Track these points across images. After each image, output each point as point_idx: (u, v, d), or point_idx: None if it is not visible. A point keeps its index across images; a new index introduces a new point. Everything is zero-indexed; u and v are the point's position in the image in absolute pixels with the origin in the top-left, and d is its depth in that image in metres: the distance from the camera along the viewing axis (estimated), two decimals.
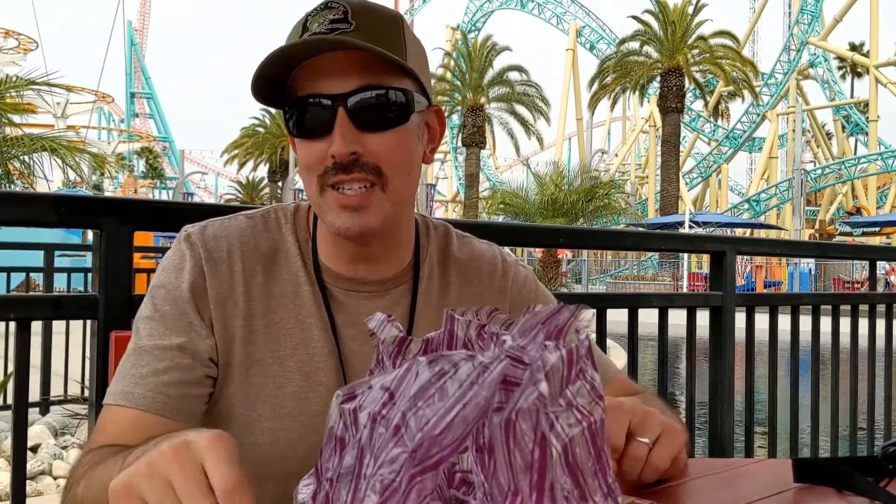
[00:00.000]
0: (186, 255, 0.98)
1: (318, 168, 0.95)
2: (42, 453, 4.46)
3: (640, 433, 0.87)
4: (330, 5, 0.94)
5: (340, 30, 0.91)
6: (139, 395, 0.92)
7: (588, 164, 26.48)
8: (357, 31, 0.91)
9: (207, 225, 1.02)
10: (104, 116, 55.55)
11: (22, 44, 38.99)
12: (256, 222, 1.04)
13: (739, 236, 14.53)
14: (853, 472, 0.91)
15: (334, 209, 0.95)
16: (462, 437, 0.51)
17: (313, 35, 0.92)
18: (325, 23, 0.92)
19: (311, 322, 1.00)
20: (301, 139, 0.96)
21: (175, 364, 0.94)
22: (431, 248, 1.10)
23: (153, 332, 0.95)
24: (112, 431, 0.91)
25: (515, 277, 1.14)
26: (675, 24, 30.71)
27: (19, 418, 1.46)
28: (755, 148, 46.56)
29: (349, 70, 0.92)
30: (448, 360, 0.52)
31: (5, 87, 11.14)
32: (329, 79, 0.92)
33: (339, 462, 0.53)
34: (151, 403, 0.92)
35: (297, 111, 0.95)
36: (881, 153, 35.70)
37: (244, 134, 45.55)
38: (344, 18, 0.92)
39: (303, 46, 0.91)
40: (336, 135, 0.92)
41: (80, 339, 4.87)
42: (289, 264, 1.02)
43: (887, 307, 3.39)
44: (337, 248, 1.03)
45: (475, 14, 45.55)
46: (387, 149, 0.94)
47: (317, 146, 0.94)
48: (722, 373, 2.56)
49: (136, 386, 0.93)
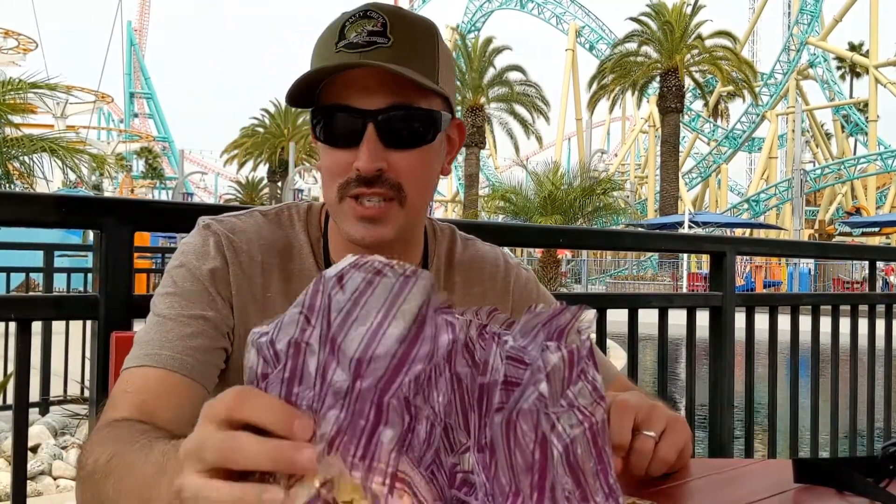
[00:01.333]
0: (210, 241, 1.00)
1: (340, 176, 0.97)
2: (42, 453, 4.46)
3: (645, 427, 0.87)
4: (369, 14, 0.95)
5: (378, 44, 0.93)
6: (167, 356, 0.91)
7: (587, 164, 26.46)
8: (394, 48, 0.93)
9: (225, 218, 1.04)
10: (104, 116, 55.50)
11: (22, 44, 38.97)
12: (271, 219, 1.06)
13: (739, 236, 14.54)
14: (853, 473, 0.91)
15: (351, 219, 0.97)
16: (405, 358, 0.50)
17: (351, 45, 0.93)
18: (363, 34, 0.93)
19: None
20: (326, 146, 0.98)
21: (200, 330, 0.95)
22: (438, 250, 1.13)
23: (174, 304, 0.96)
24: (134, 396, 0.88)
25: (517, 279, 1.16)
26: (673, 24, 30.71)
27: (19, 418, 1.46)
28: (755, 148, 46.57)
29: (381, 87, 0.93)
30: (361, 273, 0.51)
31: (6, 90, 11.13)
32: (361, 93, 0.93)
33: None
34: (181, 364, 0.91)
35: (327, 118, 0.96)
36: (881, 153, 35.72)
37: (244, 134, 45.55)
38: (382, 31, 0.93)
39: (354, 65, 0.92)
40: (363, 150, 0.93)
41: (79, 340, 4.87)
42: (302, 261, 1.04)
43: (887, 307, 3.39)
44: (348, 249, 1.04)
45: (475, 14, 45.55)
46: (410, 167, 0.97)
47: (342, 155, 0.96)
48: (722, 373, 2.56)
49: (161, 348, 0.92)
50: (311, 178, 36.83)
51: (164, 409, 0.88)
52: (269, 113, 44.99)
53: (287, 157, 38.75)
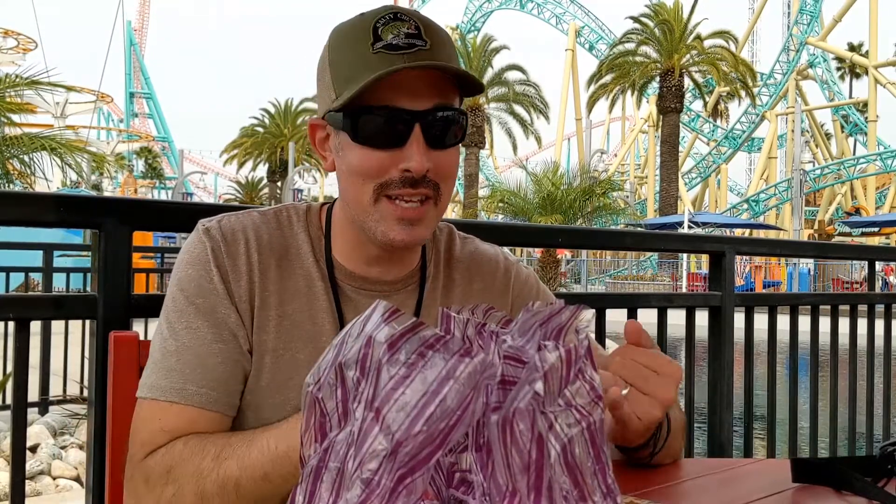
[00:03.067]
0: (208, 247, 1.00)
1: (378, 177, 0.96)
2: (41, 453, 4.46)
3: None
4: (400, 17, 0.95)
5: (418, 46, 0.93)
6: (193, 392, 0.96)
7: (587, 164, 26.46)
8: (432, 50, 0.94)
9: (223, 218, 1.04)
10: (103, 116, 55.46)
11: (21, 44, 38.92)
12: (269, 219, 1.06)
13: (738, 236, 14.54)
14: (852, 472, 0.91)
15: (389, 220, 0.98)
16: (447, 433, 0.50)
17: (390, 46, 0.93)
18: (400, 35, 0.94)
19: (322, 318, 1.03)
20: (365, 147, 0.96)
21: (224, 358, 0.98)
22: (437, 247, 1.14)
23: (191, 325, 0.97)
24: (169, 436, 0.94)
25: (517, 276, 1.17)
26: (672, 23, 30.71)
27: (18, 418, 1.46)
28: (754, 148, 46.57)
29: (427, 88, 0.95)
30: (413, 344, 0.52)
31: (5, 87, 11.12)
32: (407, 94, 0.94)
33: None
34: (207, 400, 0.96)
35: (368, 119, 0.95)
36: (880, 153, 35.72)
37: (243, 134, 45.53)
38: (418, 34, 0.94)
39: (415, 65, 0.92)
40: (414, 151, 0.94)
41: (79, 339, 4.87)
42: (301, 261, 1.05)
43: (886, 307, 3.39)
44: (357, 249, 1.05)
45: (474, 14, 45.54)
46: (449, 166, 0.99)
47: (383, 156, 0.96)
48: (721, 373, 2.56)
49: (187, 382, 0.96)
50: (310, 178, 36.83)
51: None
52: (269, 113, 44.98)
53: (287, 157, 38.74)
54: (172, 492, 0.89)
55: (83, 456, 4.34)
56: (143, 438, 0.94)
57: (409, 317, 0.53)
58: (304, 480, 0.54)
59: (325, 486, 0.52)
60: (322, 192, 41.66)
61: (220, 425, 0.97)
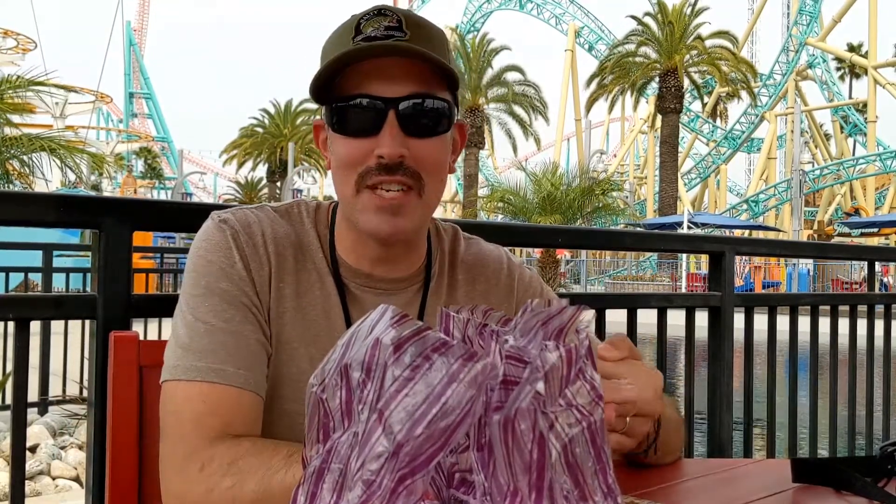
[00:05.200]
0: (228, 234, 1.01)
1: (358, 166, 0.98)
2: (41, 453, 4.45)
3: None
4: (383, 13, 0.97)
5: (396, 37, 0.94)
6: (232, 373, 0.94)
7: (586, 165, 26.47)
8: (412, 40, 0.95)
9: (237, 210, 1.05)
10: (103, 116, 55.44)
11: (21, 44, 38.93)
12: (282, 214, 1.08)
13: (738, 237, 14.53)
14: (851, 472, 0.91)
15: (369, 211, 0.98)
16: (448, 435, 0.50)
17: (369, 38, 0.94)
18: (380, 28, 0.95)
19: (335, 312, 1.04)
20: (344, 136, 0.99)
21: (252, 339, 0.97)
22: (442, 247, 1.14)
23: (217, 308, 0.97)
24: (218, 419, 0.92)
25: (521, 277, 1.18)
26: (672, 24, 30.70)
27: (18, 418, 1.46)
28: (754, 149, 46.55)
29: (403, 76, 0.95)
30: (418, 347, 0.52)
31: (5, 87, 11.11)
32: (381, 82, 0.95)
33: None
34: (245, 381, 0.95)
35: (345, 108, 0.97)
36: (879, 154, 35.72)
37: (243, 134, 45.49)
38: (398, 27, 0.95)
39: (381, 49, 0.94)
40: (386, 136, 0.95)
41: (78, 339, 4.87)
42: (312, 256, 1.06)
43: (886, 307, 3.39)
44: (358, 246, 1.06)
45: (474, 14, 45.52)
46: (429, 155, 0.98)
47: (361, 144, 0.97)
48: (720, 373, 2.56)
49: (224, 363, 0.94)
50: (310, 179, 36.85)
51: (243, 427, 0.93)
52: (269, 113, 44.95)
53: (286, 157, 38.73)
54: (230, 484, 0.86)
55: (83, 456, 4.34)
56: (191, 419, 0.92)
57: (417, 321, 0.53)
58: (307, 481, 0.54)
59: (327, 487, 0.52)
60: (322, 192, 41.68)
61: (259, 409, 0.95)
